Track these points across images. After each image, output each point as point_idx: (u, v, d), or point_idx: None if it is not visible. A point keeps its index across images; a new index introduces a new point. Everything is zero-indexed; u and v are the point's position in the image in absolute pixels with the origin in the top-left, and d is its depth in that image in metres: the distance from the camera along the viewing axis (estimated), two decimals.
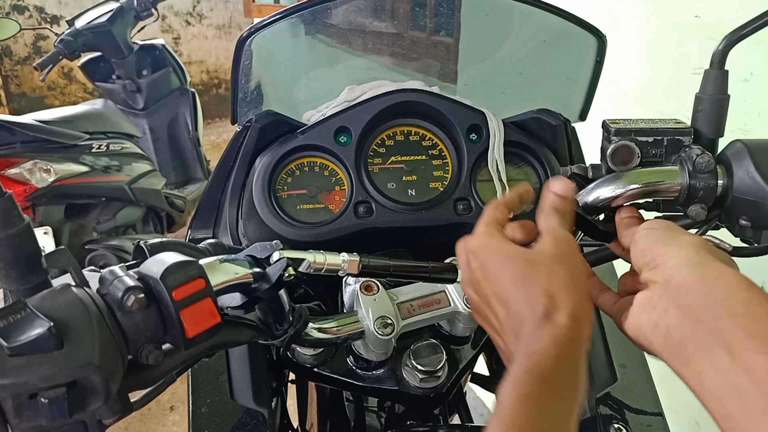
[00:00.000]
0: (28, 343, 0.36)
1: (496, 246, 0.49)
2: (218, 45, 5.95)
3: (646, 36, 1.52)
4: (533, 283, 0.45)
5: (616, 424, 0.67)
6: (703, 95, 0.58)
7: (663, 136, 0.58)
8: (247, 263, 0.52)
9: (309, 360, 0.71)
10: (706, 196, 0.55)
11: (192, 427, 0.66)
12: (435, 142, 0.84)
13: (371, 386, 0.70)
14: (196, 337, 0.42)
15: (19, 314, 0.37)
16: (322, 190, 0.80)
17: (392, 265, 0.63)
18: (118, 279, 0.41)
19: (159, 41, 3.03)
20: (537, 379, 0.41)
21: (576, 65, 0.96)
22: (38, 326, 0.37)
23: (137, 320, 0.41)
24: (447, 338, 0.73)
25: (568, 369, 0.42)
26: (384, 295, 0.67)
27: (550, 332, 0.42)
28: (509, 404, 0.40)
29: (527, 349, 0.42)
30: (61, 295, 0.40)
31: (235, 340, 0.54)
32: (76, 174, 2.25)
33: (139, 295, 0.41)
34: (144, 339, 0.42)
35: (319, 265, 0.60)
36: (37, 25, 5.08)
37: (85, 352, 0.37)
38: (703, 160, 0.54)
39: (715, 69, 0.58)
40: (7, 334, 0.36)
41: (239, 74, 0.88)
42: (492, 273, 0.48)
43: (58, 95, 5.47)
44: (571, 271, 0.46)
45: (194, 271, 0.43)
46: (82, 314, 0.39)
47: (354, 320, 0.66)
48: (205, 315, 0.43)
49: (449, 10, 1.09)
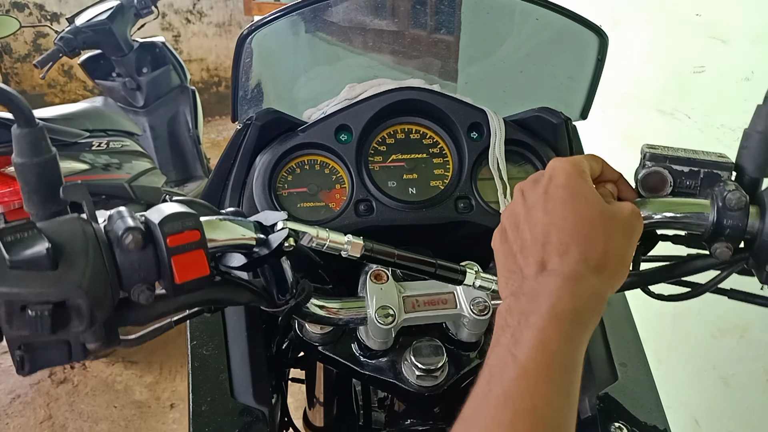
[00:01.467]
0: (26, 259, 0.39)
1: (579, 180, 0.50)
2: (218, 43, 5.94)
3: (647, 34, 1.52)
4: (597, 234, 0.46)
5: (617, 422, 0.67)
6: (752, 132, 0.54)
7: (700, 167, 0.55)
8: (252, 227, 0.53)
9: (316, 338, 0.72)
10: (733, 236, 0.52)
11: (192, 424, 0.66)
12: (436, 141, 0.84)
13: (369, 374, 0.71)
14: (185, 284, 0.45)
15: (26, 232, 0.40)
16: (323, 189, 0.80)
17: (397, 254, 0.63)
18: (122, 218, 0.44)
19: (159, 39, 3.02)
20: (577, 320, 0.42)
21: (577, 63, 0.96)
22: (39, 246, 0.40)
23: (132, 259, 0.44)
24: (453, 342, 0.73)
25: (595, 320, 0.44)
26: (392, 285, 0.68)
27: (595, 284, 0.44)
28: (550, 336, 0.41)
29: (572, 290, 0.43)
30: (67, 223, 0.43)
31: (233, 299, 0.55)
32: (76, 172, 2.25)
33: (137, 235, 0.43)
34: (137, 278, 0.44)
35: (321, 241, 0.60)
36: (37, 23, 5.07)
37: (75, 277, 0.40)
38: (734, 197, 0.51)
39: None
40: (10, 248, 0.39)
41: (239, 72, 0.88)
42: (558, 198, 0.49)
43: (58, 93, 5.46)
44: (629, 246, 0.48)
45: (191, 223, 0.45)
46: (80, 242, 0.42)
47: (359, 305, 0.67)
48: (195, 265, 0.45)
49: (450, 8, 1.09)
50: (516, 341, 0.42)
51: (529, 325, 0.42)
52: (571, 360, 0.41)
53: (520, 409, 0.38)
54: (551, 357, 0.40)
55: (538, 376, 0.40)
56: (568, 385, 0.41)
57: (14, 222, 0.41)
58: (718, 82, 1.28)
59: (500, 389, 0.40)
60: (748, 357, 1.38)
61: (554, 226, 0.47)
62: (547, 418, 0.38)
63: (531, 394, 0.39)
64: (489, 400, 0.40)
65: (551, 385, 0.40)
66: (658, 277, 0.61)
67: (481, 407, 0.40)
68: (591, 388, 0.71)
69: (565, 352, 0.41)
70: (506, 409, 0.39)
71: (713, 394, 1.50)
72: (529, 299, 0.44)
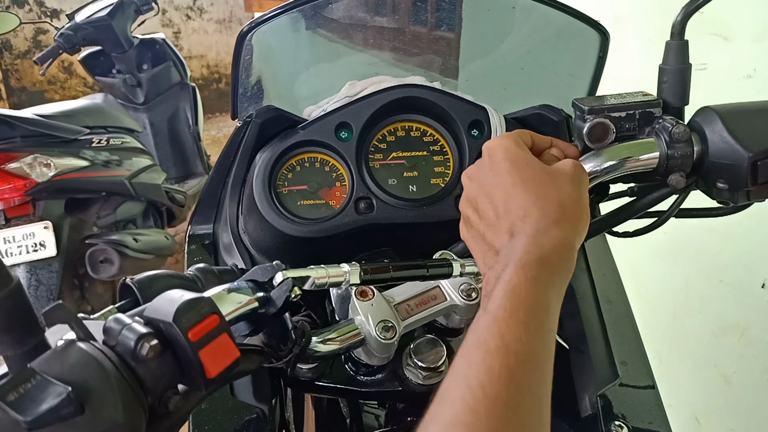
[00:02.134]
0: (47, 413, 0.33)
1: (517, 150, 0.54)
2: (219, 39, 5.93)
3: (648, 32, 1.51)
4: (548, 191, 0.51)
5: (618, 421, 0.67)
6: (666, 66, 0.60)
7: (635, 110, 0.60)
8: (250, 289, 0.51)
9: (307, 374, 0.68)
10: (684, 164, 0.58)
11: (192, 423, 0.66)
12: (436, 138, 0.84)
13: (374, 390, 0.69)
14: (218, 376, 0.40)
15: (29, 383, 0.34)
16: (323, 186, 0.80)
17: (392, 267, 0.62)
18: (127, 327, 0.39)
19: (159, 35, 3.02)
20: (544, 266, 0.46)
21: (578, 61, 0.96)
22: (54, 393, 0.34)
23: (153, 368, 0.39)
24: (443, 331, 0.73)
25: (565, 268, 0.48)
26: (380, 298, 0.66)
27: (558, 234, 0.48)
28: (516, 283, 0.45)
29: (537, 241, 0.47)
30: (70, 355, 0.37)
31: (246, 370, 0.51)
32: (76, 168, 2.25)
33: (152, 341, 0.38)
34: (162, 386, 0.40)
35: (322, 280, 0.58)
36: (37, 19, 5.07)
37: (109, 413, 0.35)
38: (679, 130, 0.57)
39: (676, 40, 0.60)
40: (21, 407, 0.33)
41: (240, 69, 0.88)
42: (504, 171, 0.53)
43: (58, 89, 5.46)
44: (581, 194, 0.52)
45: (207, 308, 0.41)
46: (98, 372, 0.36)
47: (353, 328, 0.64)
48: (224, 351, 0.41)
49: (451, 5, 1.08)
50: (489, 298, 0.46)
51: (500, 281, 0.46)
52: (540, 301, 0.45)
53: (492, 347, 0.42)
54: (518, 300, 0.44)
55: (507, 318, 0.43)
56: (537, 323, 0.44)
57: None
58: (721, 79, 1.28)
59: (474, 337, 0.44)
60: (749, 355, 1.38)
61: (509, 195, 0.51)
62: (520, 353, 0.41)
63: (501, 334, 0.42)
64: (464, 349, 0.43)
65: (520, 325, 0.43)
66: (621, 216, 0.66)
67: (459, 356, 0.44)
68: (591, 387, 0.71)
69: (531, 294, 0.44)
70: (478, 350, 0.42)
71: (714, 393, 1.50)
72: (502, 265, 0.48)
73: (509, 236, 0.50)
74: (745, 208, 0.60)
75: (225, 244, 0.84)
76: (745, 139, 0.54)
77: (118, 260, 2.32)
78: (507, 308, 0.43)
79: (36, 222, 2.11)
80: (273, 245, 0.78)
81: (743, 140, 0.54)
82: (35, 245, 2.11)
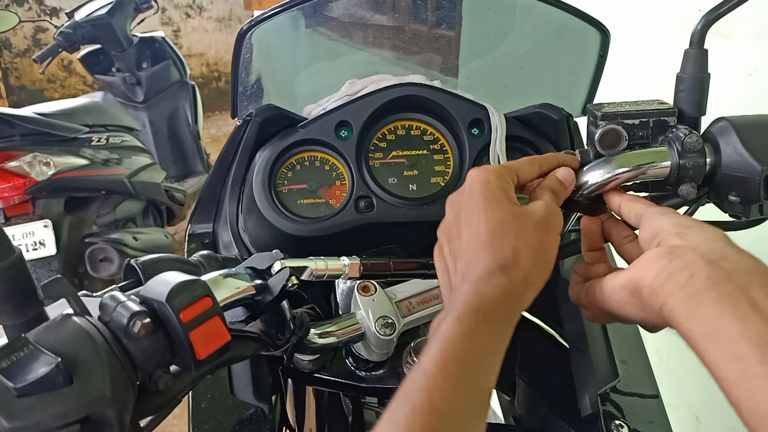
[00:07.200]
0: (36, 382, 0.34)
1: (495, 186, 0.52)
2: (218, 38, 5.93)
3: (649, 31, 1.51)
4: (506, 236, 0.49)
5: (618, 420, 0.67)
6: (684, 75, 0.60)
7: (648, 117, 0.58)
8: (248, 276, 0.51)
9: (308, 365, 0.69)
10: (696, 175, 0.56)
11: (192, 422, 0.65)
12: (436, 137, 0.84)
13: (373, 386, 0.70)
14: (207, 358, 0.41)
15: (21, 351, 0.35)
16: (323, 185, 0.80)
17: (392, 264, 0.62)
18: (121, 304, 0.40)
19: (159, 34, 3.02)
20: (480, 318, 0.44)
21: (579, 59, 0.96)
22: (44, 362, 0.35)
23: (145, 346, 0.40)
24: None
25: (505, 318, 0.46)
26: (382, 294, 0.66)
27: (501, 283, 0.46)
28: (450, 336, 0.43)
29: (477, 290, 0.45)
30: (64, 327, 0.38)
31: (240, 355, 0.52)
32: (75, 167, 2.25)
33: (145, 320, 0.39)
34: (153, 365, 0.41)
35: (321, 272, 0.59)
36: (36, 17, 5.06)
37: (96, 386, 0.36)
38: (691, 140, 0.56)
39: (695, 48, 0.59)
40: (12, 374, 0.34)
41: (239, 68, 0.87)
42: (474, 207, 0.51)
43: (58, 88, 5.46)
44: (544, 241, 0.50)
45: (200, 291, 0.42)
46: (89, 346, 0.37)
47: (353, 322, 0.65)
48: (214, 334, 0.42)
49: (451, 3, 1.08)
50: (428, 347, 0.43)
51: (438, 331, 0.44)
52: (473, 355, 0.42)
53: (417, 405, 0.39)
54: (450, 355, 0.42)
55: (437, 373, 0.40)
56: (467, 380, 0.41)
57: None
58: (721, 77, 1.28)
59: (403, 392, 0.41)
60: None
61: (472, 236, 0.50)
62: (444, 413, 0.39)
63: (428, 390, 0.40)
64: (392, 404, 0.41)
65: (448, 381, 0.40)
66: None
67: (385, 411, 0.41)
68: (592, 386, 0.71)
69: (464, 348, 0.42)
70: (404, 407, 0.39)
71: (714, 392, 1.49)
72: (446, 311, 0.46)
73: (461, 279, 0.48)
74: (759, 223, 0.58)
75: (225, 243, 0.84)
76: (759, 152, 0.53)
77: (117, 259, 2.32)
78: (438, 362, 0.41)
79: (36, 221, 2.12)
80: (273, 244, 0.78)
81: (757, 153, 0.53)
82: (35, 244, 2.11)
